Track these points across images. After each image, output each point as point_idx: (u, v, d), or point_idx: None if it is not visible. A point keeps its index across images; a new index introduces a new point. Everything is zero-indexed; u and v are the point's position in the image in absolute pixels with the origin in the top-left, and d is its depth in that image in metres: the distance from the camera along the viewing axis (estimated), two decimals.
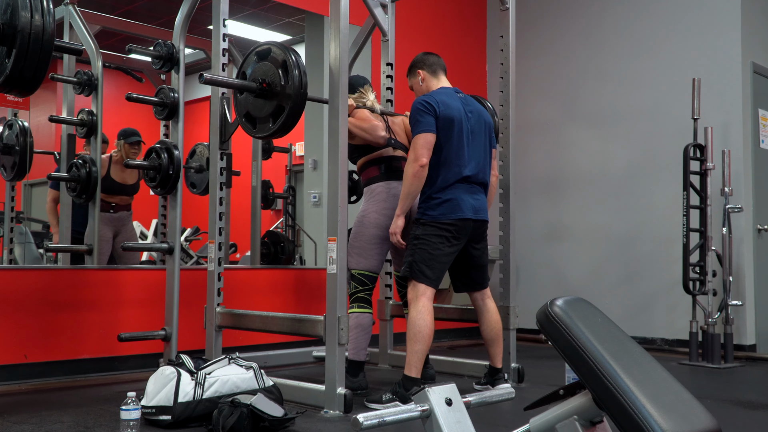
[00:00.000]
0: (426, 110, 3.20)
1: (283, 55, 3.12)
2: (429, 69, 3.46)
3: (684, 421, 1.41)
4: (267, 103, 3.16)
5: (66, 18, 4.34)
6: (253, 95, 3.20)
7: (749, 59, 5.23)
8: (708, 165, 4.75)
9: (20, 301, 3.67)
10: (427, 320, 3.11)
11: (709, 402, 3.31)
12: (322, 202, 5.75)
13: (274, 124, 3.15)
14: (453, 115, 3.23)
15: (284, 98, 3.09)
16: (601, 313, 1.65)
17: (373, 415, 1.61)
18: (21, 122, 4.35)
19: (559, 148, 6.07)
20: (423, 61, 3.49)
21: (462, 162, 3.23)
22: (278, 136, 3.24)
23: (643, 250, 5.48)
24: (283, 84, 3.09)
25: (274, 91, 3.12)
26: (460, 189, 3.22)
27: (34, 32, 2.46)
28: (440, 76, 3.47)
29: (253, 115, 3.24)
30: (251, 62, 3.25)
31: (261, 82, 3.15)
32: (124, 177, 4.86)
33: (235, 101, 3.35)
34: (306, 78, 3.10)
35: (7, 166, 4.41)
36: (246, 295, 4.45)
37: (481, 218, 3.29)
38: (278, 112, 3.13)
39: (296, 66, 3.08)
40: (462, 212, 3.20)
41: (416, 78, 3.49)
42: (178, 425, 2.66)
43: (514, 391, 2.04)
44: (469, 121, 3.30)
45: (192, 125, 7.63)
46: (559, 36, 6.15)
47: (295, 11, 6.20)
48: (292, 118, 3.11)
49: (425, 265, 3.16)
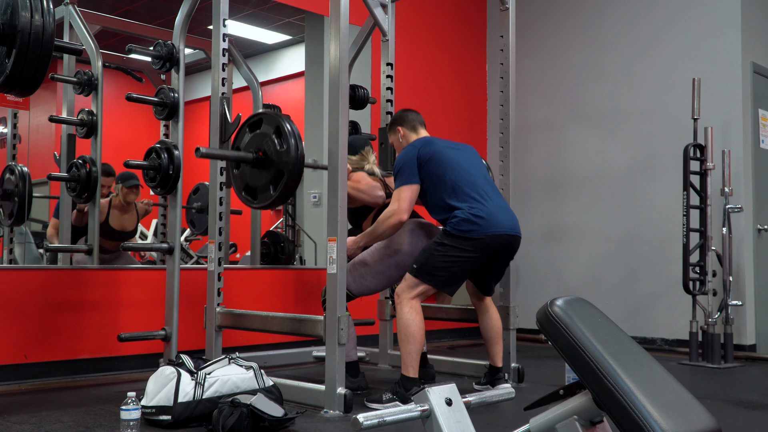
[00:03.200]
0: (407, 161, 3.22)
1: (276, 121, 3.16)
2: (408, 125, 3.51)
3: (684, 421, 1.41)
4: (265, 172, 3.19)
5: (66, 18, 4.34)
6: (250, 166, 3.23)
7: (749, 59, 5.23)
8: (708, 165, 4.75)
9: (20, 301, 3.67)
10: (416, 320, 3.12)
11: (709, 402, 3.31)
12: (322, 202, 5.75)
13: (275, 191, 3.17)
14: (437, 148, 3.26)
15: (282, 163, 3.12)
16: (601, 313, 1.65)
17: (373, 415, 1.61)
18: (20, 168, 4.35)
19: (559, 148, 6.07)
20: (402, 118, 3.53)
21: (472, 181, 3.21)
22: (279, 203, 3.26)
23: (642, 250, 5.48)
24: (279, 150, 3.12)
25: (271, 158, 3.15)
26: (488, 205, 3.17)
27: (34, 32, 2.46)
28: (420, 131, 3.50)
29: (252, 186, 3.27)
30: (244, 135, 3.29)
31: (257, 152, 3.19)
32: (123, 224, 4.90)
33: (233, 177, 3.38)
34: (301, 141, 3.14)
35: (5, 211, 4.40)
36: (246, 295, 4.46)
37: (516, 234, 3.24)
38: (278, 178, 3.15)
39: (290, 130, 3.11)
40: (496, 227, 3.13)
41: (396, 135, 3.54)
42: (178, 425, 2.66)
43: (514, 391, 2.04)
44: (458, 150, 3.33)
45: (192, 125, 7.63)
46: (559, 36, 6.15)
47: (295, 11, 6.20)
48: (292, 182, 3.13)
49: (438, 271, 3.13)
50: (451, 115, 6.19)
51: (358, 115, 4.58)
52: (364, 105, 4.47)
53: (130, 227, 5.00)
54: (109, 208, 4.88)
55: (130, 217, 4.99)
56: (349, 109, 3.33)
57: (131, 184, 4.95)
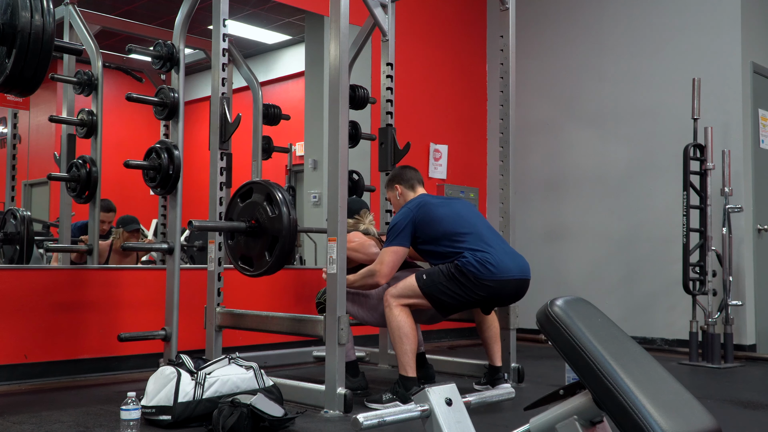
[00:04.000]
0: (400, 223, 3.23)
1: (266, 189, 3.21)
2: (406, 184, 3.53)
3: (684, 421, 1.41)
4: (259, 240, 3.23)
5: (66, 18, 4.34)
6: (244, 235, 3.27)
7: (749, 59, 5.23)
8: (708, 165, 4.75)
9: (20, 301, 3.67)
10: (406, 320, 3.12)
11: (709, 402, 3.31)
12: (322, 202, 5.75)
13: (270, 257, 3.21)
14: (434, 202, 3.29)
15: (276, 228, 3.15)
16: (601, 313, 1.65)
17: (373, 415, 1.61)
18: (22, 212, 4.37)
19: (559, 148, 6.07)
20: (400, 176, 3.55)
21: (474, 229, 3.21)
22: (275, 269, 3.29)
23: (642, 250, 5.48)
24: (272, 216, 3.16)
25: (264, 225, 3.20)
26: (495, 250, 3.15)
27: (34, 32, 2.46)
28: (417, 189, 3.52)
29: (248, 256, 3.31)
30: (236, 206, 3.33)
31: (249, 221, 3.24)
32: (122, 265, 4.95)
33: (228, 249, 3.43)
34: (293, 206, 3.18)
35: (6, 256, 4.42)
36: (246, 295, 4.45)
37: (525, 277, 3.23)
38: (273, 245, 3.19)
39: (281, 198, 3.15)
40: (505, 272, 3.12)
41: (394, 192, 3.56)
42: (178, 425, 2.66)
43: (514, 391, 2.04)
44: (454, 203, 3.35)
45: (192, 125, 7.63)
46: (559, 36, 6.15)
47: (295, 11, 6.20)
48: (287, 246, 3.17)
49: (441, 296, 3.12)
50: (451, 115, 6.19)
51: (358, 115, 4.58)
52: (364, 105, 4.47)
53: None
54: (109, 252, 4.91)
55: (130, 261, 5.05)
56: (349, 109, 3.33)
57: (132, 228, 5.03)
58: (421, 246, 3.27)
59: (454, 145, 6.13)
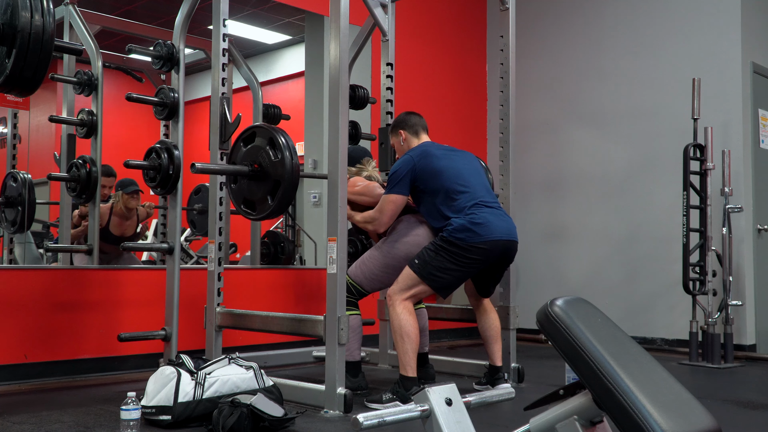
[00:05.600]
0: (402, 171, 3.25)
1: (269, 134, 3.19)
2: (410, 130, 3.52)
3: (684, 421, 1.41)
4: (262, 184, 3.22)
5: (66, 18, 4.34)
6: (246, 179, 3.26)
7: (749, 59, 5.23)
8: (708, 165, 4.75)
9: (20, 301, 3.67)
10: (409, 319, 3.13)
11: (709, 402, 3.31)
12: (322, 202, 5.75)
13: (273, 201, 3.20)
14: (439, 156, 3.29)
15: (278, 173, 3.14)
16: (601, 313, 1.65)
17: (373, 415, 1.61)
18: (23, 175, 4.36)
19: (559, 148, 6.06)
20: (405, 121, 3.54)
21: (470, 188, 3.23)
22: (278, 213, 3.30)
23: (643, 250, 5.48)
24: (274, 161, 3.14)
25: (267, 170, 3.18)
26: (482, 210, 3.18)
27: (34, 32, 2.46)
28: (421, 136, 3.52)
29: (250, 200, 3.30)
30: (239, 150, 3.30)
31: (252, 165, 3.22)
32: (123, 230, 4.92)
33: (231, 192, 3.41)
34: (295, 151, 3.16)
35: (9, 219, 4.41)
36: (246, 295, 4.45)
37: (512, 239, 3.25)
38: (275, 189, 3.18)
39: (284, 142, 3.13)
40: (491, 234, 3.14)
41: (398, 138, 3.55)
42: (178, 425, 2.67)
43: (514, 391, 2.04)
44: (455, 158, 3.34)
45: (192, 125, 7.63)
46: (559, 36, 6.15)
47: (295, 11, 6.20)
48: (289, 191, 3.16)
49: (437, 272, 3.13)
50: (451, 115, 6.19)
51: (358, 115, 4.58)
52: (364, 105, 4.47)
53: (130, 232, 5.02)
54: (110, 215, 4.88)
55: (131, 223, 5.02)
56: (349, 109, 3.33)
57: (131, 190, 4.98)
58: (418, 195, 3.30)
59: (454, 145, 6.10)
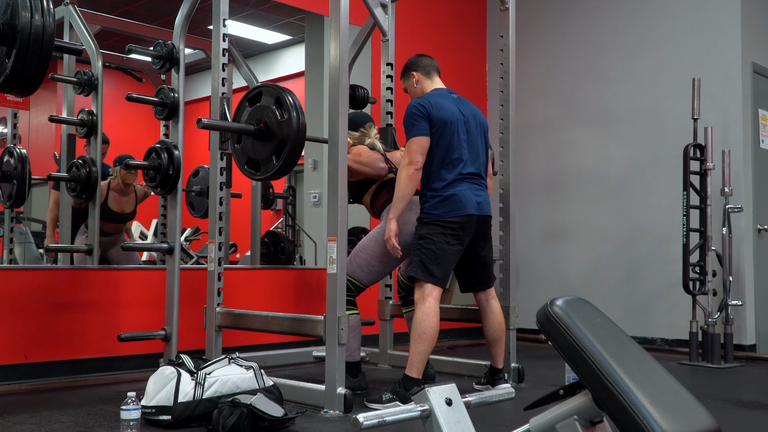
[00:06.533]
0: (420, 114, 3.20)
1: (276, 93, 3.16)
2: (423, 71, 3.47)
3: (684, 421, 1.41)
4: (267, 144, 3.19)
5: (66, 18, 4.34)
6: (251, 138, 3.22)
7: (749, 59, 5.23)
8: (708, 165, 4.75)
9: (20, 301, 3.67)
10: (433, 321, 3.11)
11: (709, 402, 3.31)
12: (322, 202, 5.75)
13: (277, 161, 3.16)
14: (447, 116, 3.24)
15: (285, 133, 3.11)
16: (601, 313, 1.65)
17: (373, 415, 1.61)
18: (19, 150, 4.34)
19: (559, 148, 6.06)
20: (417, 63, 3.50)
21: (461, 160, 3.24)
22: (282, 174, 3.25)
23: (643, 250, 5.48)
24: (281, 120, 3.12)
25: (272, 129, 3.15)
26: (461, 186, 3.22)
27: (34, 32, 2.46)
28: (434, 77, 3.47)
29: (254, 159, 3.26)
30: (244, 109, 3.28)
31: (258, 124, 3.18)
32: (122, 206, 4.87)
33: (234, 152, 3.37)
34: (302, 111, 3.13)
35: (5, 193, 4.40)
36: (246, 295, 4.45)
37: (485, 213, 3.29)
38: (280, 149, 3.15)
39: (291, 102, 3.11)
40: (465, 209, 3.19)
41: (410, 80, 3.50)
42: (178, 425, 2.66)
43: (514, 391, 2.04)
44: (465, 122, 3.30)
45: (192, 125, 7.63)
46: (559, 36, 6.15)
47: (295, 11, 6.20)
48: (294, 152, 3.13)
49: (432, 264, 3.15)
50: None
51: None
52: (364, 105, 4.47)
53: (129, 209, 4.93)
54: (108, 190, 4.82)
55: (129, 200, 4.92)
56: (349, 109, 3.33)
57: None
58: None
59: None
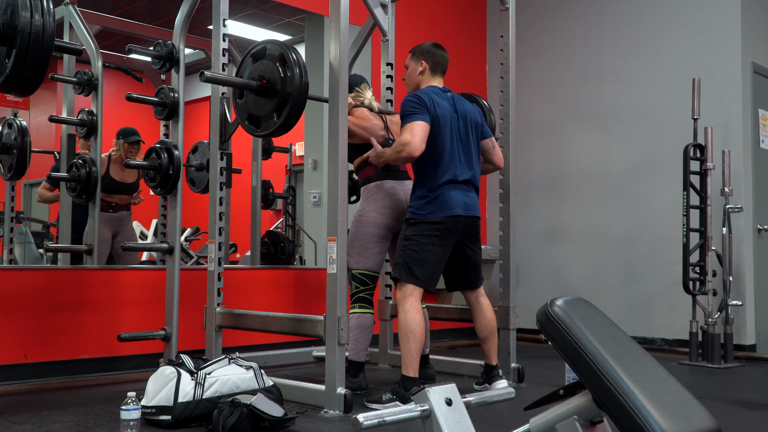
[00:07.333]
0: (421, 103, 3.18)
1: (280, 50, 3.12)
2: (432, 65, 3.40)
3: (684, 421, 1.41)
4: (269, 100, 3.15)
5: (66, 18, 4.34)
6: (253, 94, 3.18)
7: (749, 59, 5.23)
8: (708, 165, 4.75)
9: (20, 301, 3.67)
10: (417, 318, 3.11)
11: (709, 402, 3.31)
12: (322, 202, 5.75)
13: (278, 119, 3.12)
14: (443, 114, 3.24)
15: (287, 90, 3.08)
16: (601, 313, 1.65)
17: (373, 415, 1.61)
18: (19, 122, 4.34)
19: (559, 148, 6.07)
20: (432, 54, 3.40)
21: (454, 164, 3.23)
22: (282, 131, 3.19)
23: (643, 250, 5.48)
24: (283, 77, 3.08)
25: (275, 86, 3.11)
26: (450, 188, 3.21)
27: (34, 32, 2.46)
28: (437, 76, 3.44)
29: (255, 115, 3.22)
30: (248, 65, 3.25)
31: (260, 80, 3.14)
32: (123, 176, 4.83)
33: (236, 107, 3.33)
34: (305, 69, 3.09)
35: (5, 165, 4.41)
36: (246, 295, 4.45)
37: (473, 214, 3.27)
38: (281, 107, 3.11)
39: (295, 59, 3.07)
40: (452, 209, 3.18)
41: (417, 65, 3.41)
42: (178, 425, 2.67)
43: (514, 391, 2.04)
44: (458, 123, 3.30)
45: (192, 125, 7.63)
46: (559, 36, 6.15)
47: (295, 11, 6.20)
48: (296, 110, 3.09)
49: (414, 265, 3.15)
50: None
51: None
52: None
53: (131, 179, 4.86)
54: (108, 162, 4.75)
55: (131, 171, 4.85)
56: None
57: (133, 140, 4.80)
58: None
59: None
